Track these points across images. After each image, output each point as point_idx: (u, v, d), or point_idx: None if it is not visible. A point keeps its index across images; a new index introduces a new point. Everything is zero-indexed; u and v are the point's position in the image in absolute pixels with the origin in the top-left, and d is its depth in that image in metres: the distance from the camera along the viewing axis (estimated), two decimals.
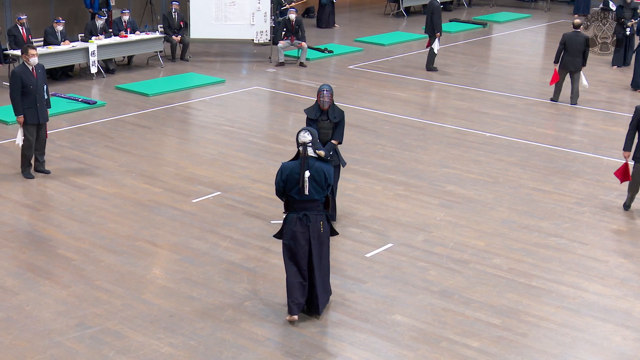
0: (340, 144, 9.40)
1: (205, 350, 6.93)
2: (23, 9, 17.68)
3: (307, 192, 7.20)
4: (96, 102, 14.49)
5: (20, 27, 15.86)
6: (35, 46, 11.52)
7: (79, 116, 13.84)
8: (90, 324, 7.28)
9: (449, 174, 11.37)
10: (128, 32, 17.29)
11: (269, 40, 18.54)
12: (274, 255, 8.66)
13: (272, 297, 7.83)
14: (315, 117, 9.17)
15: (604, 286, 8.29)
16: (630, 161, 10.15)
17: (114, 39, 16.85)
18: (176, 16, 18.36)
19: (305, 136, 7.26)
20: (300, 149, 7.27)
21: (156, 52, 17.72)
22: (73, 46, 16.05)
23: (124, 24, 17.39)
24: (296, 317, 7.33)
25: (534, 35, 23.13)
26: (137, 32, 17.47)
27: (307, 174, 7.17)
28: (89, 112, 14.07)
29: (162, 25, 18.85)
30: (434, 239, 9.28)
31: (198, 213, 9.83)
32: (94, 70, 16.22)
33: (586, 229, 9.68)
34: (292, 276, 7.30)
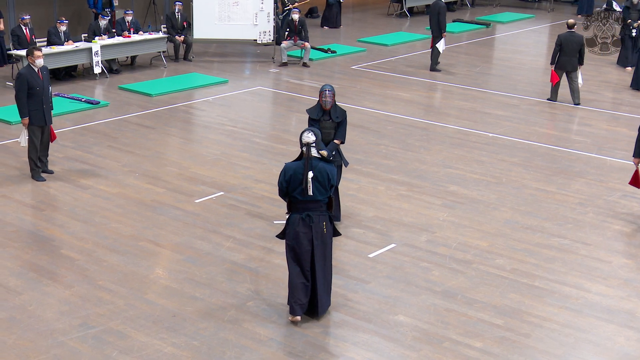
0: (342, 144, 9.40)
1: (208, 350, 6.94)
2: (26, 9, 17.70)
3: (310, 193, 7.20)
4: (99, 102, 14.51)
5: (23, 27, 15.89)
6: (41, 47, 11.51)
7: (82, 116, 13.85)
8: (93, 323, 7.29)
9: (452, 174, 11.37)
10: (131, 32, 17.31)
11: (272, 41, 18.55)
12: (277, 255, 8.66)
13: (275, 297, 7.83)
14: (317, 117, 9.18)
15: (607, 287, 8.28)
16: None
17: (117, 39, 16.87)
18: (179, 16, 18.38)
19: (309, 136, 7.26)
20: (304, 149, 7.26)
21: (159, 52, 17.74)
22: (76, 46, 16.08)
23: (127, 24, 17.42)
24: (299, 318, 7.33)
25: (537, 36, 23.11)
26: (141, 32, 17.49)
27: (310, 174, 7.17)
28: (92, 112, 14.08)
29: (165, 26, 18.87)
30: (437, 239, 9.28)
31: (201, 213, 9.83)
32: (97, 70, 16.24)
33: (589, 229, 9.67)
34: (295, 277, 7.30)
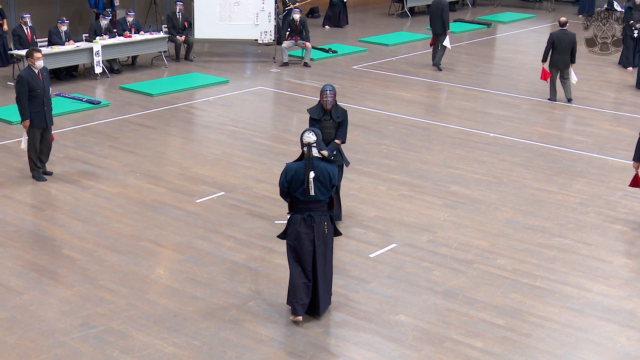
0: (343, 144, 9.40)
1: (209, 350, 6.93)
2: (27, 9, 17.70)
3: (312, 193, 7.19)
4: (100, 102, 14.51)
5: (24, 27, 15.89)
6: (40, 49, 11.49)
7: (83, 116, 13.85)
8: (94, 323, 7.28)
9: (453, 174, 11.36)
10: (132, 32, 17.32)
11: (273, 41, 18.55)
12: (278, 255, 8.66)
13: (276, 297, 7.82)
14: (318, 117, 9.17)
15: (608, 286, 8.27)
16: None
17: (118, 39, 16.87)
18: (180, 16, 18.37)
19: (309, 137, 7.25)
20: (305, 149, 7.26)
21: (160, 52, 17.74)
22: (77, 46, 16.08)
23: (128, 24, 17.42)
24: (301, 318, 7.33)
25: (539, 36, 23.07)
26: (142, 32, 17.50)
27: (311, 174, 7.16)
28: (93, 112, 14.08)
29: (166, 26, 18.87)
30: (438, 239, 9.27)
31: (202, 213, 9.83)
32: (98, 70, 16.24)
33: (590, 229, 9.66)
34: (297, 277, 7.29)
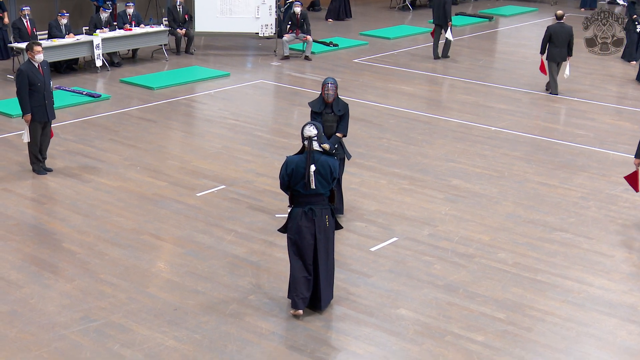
0: (345, 137, 9.38)
1: (209, 343, 6.93)
2: (27, 2, 17.65)
3: (313, 187, 7.17)
4: (101, 96, 14.48)
5: (24, 20, 15.85)
6: (40, 42, 11.45)
7: (84, 109, 13.83)
8: (94, 317, 7.28)
9: (454, 168, 11.34)
10: (133, 25, 17.28)
11: (273, 34, 18.51)
12: (279, 249, 8.65)
13: (277, 291, 7.81)
14: (319, 110, 9.14)
15: (610, 280, 8.26)
16: None
17: (119, 32, 16.84)
18: (181, 9, 18.34)
19: (310, 130, 7.23)
20: (306, 143, 7.23)
21: (161, 45, 17.71)
22: (77, 39, 16.05)
23: (128, 17, 17.38)
24: (301, 312, 7.32)
25: (540, 29, 22.92)
26: (142, 25, 17.46)
27: (312, 168, 7.14)
28: (93, 106, 14.06)
29: (166, 19, 18.83)
30: (439, 233, 9.26)
31: (202, 207, 9.82)
32: (98, 63, 16.22)
33: (592, 223, 9.65)
34: (298, 271, 7.28)
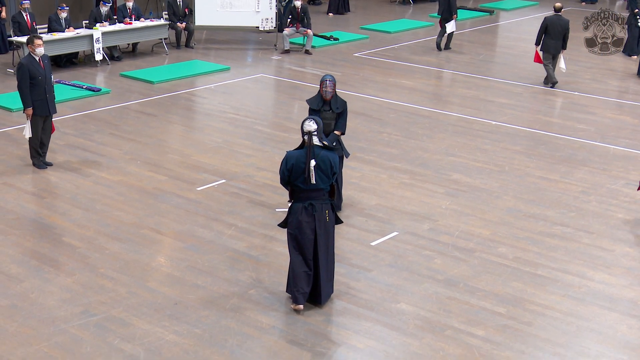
0: (343, 135, 9.34)
1: (210, 338, 6.93)
2: None
3: (313, 182, 7.15)
4: (101, 90, 14.46)
5: (24, 14, 15.82)
6: (41, 36, 11.43)
7: (84, 103, 13.82)
8: (95, 311, 7.28)
9: (455, 163, 11.33)
10: (133, 19, 17.25)
11: (274, 28, 18.48)
12: (279, 243, 8.64)
13: (277, 285, 7.81)
14: (317, 108, 9.08)
15: (610, 275, 8.26)
16: None
17: (119, 26, 16.81)
18: (181, 3, 18.29)
19: (310, 125, 7.21)
20: (306, 137, 7.22)
21: (161, 39, 17.68)
22: (77, 33, 16.01)
23: (128, 11, 17.35)
24: (302, 307, 7.31)
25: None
26: (142, 19, 17.43)
27: (312, 163, 7.12)
28: (93, 100, 14.05)
29: (166, 13, 18.79)
30: (439, 227, 9.25)
31: (203, 201, 9.81)
32: (98, 57, 16.19)
33: (592, 217, 9.64)
34: (298, 265, 7.27)
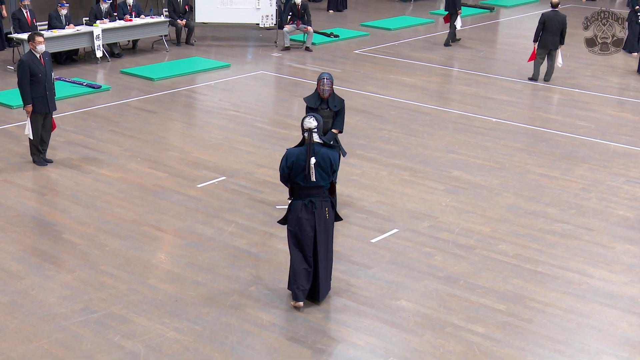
0: (340, 133, 9.33)
1: (210, 335, 6.93)
2: None
3: (313, 179, 7.15)
4: (101, 87, 14.46)
5: (24, 10, 15.81)
6: (42, 33, 11.40)
7: (84, 100, 13.81)
8: (95, 308, 7.28)
9: (455, 160, 11.33)
10: (133, 16, 17.24)
11: (274, 25, 18.47)
12: (279, 240, 8.65)
13: (277, 282, 7.82)
14: (315, 106, 9.07)
15: (610, 272, 8.26)
16: None
17: (119, 23, 16.80)
18: (181, 0, 18.28)
19: (310, 122, 7.20)
20: (306, 135, 7.22)
21: (161, 36, 17.67)
22: (78, 30, 16.01)
23: (128, 7, 17.34)
24: (301, 304, 7.32)
25: None
26: (142, 16, 17.42)
27: (312, 160, 7.12)
28: (93, 97, 14.04)
29: (167, 9, 18.78)
30: (440, 224, 9.25)
31: (203, 198, 9.81)
32: (98, 54, 16.19)
33: (592, 215, 9.64)
34: (298, 263, 7.27)
